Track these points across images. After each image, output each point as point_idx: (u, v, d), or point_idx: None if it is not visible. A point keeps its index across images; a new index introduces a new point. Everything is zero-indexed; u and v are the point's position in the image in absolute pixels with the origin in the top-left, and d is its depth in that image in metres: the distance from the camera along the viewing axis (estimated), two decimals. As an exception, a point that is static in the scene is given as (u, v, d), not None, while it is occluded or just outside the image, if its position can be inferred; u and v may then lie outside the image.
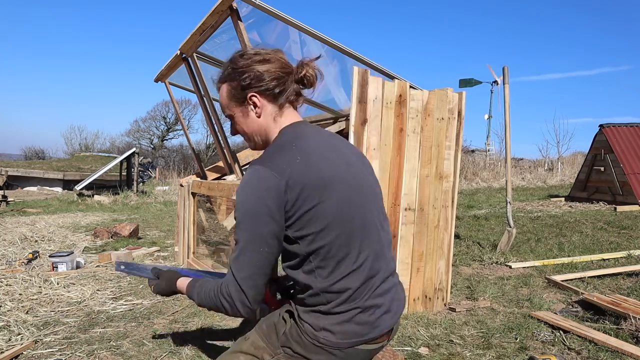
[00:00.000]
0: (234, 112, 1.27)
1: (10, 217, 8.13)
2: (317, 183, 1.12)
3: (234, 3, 2.67)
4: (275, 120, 1.25)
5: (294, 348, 1.19)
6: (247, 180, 1.14)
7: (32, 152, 30.86)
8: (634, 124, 8.90)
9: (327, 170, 1.15)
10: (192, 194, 4.21)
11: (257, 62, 1.20)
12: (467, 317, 2.94)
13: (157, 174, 19.96)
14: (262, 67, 1.20)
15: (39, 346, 2.45)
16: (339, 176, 1.17)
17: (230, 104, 1.26)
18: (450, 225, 3.19)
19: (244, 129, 1.28)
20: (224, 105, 1.28)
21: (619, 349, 2.34)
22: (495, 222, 6.74)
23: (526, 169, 17.94)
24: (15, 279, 3.62)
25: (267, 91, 1.21)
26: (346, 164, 1.22)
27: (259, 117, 1.24)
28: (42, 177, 15.35)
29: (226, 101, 1.27)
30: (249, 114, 1.24)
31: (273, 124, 1.25)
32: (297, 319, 1.21)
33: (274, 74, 1.21)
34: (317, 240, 1.13)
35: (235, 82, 1.22)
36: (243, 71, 1.20)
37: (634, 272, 3.86)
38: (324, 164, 1.16)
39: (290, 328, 1.21)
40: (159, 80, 4.58)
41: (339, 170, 1.18)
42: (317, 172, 1.13)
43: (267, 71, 1.20)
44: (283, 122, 1.25)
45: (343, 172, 1.19)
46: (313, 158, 1.15)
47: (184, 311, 3.05)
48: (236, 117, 1.27)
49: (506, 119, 5.09)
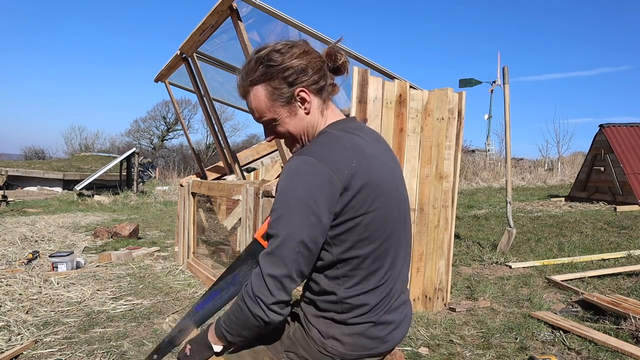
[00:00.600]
0: (278, 115, 1.13)
1: (10, 217, 8.13)
2: (371, 191, 1.05)
3: (234, 3, 2.67)
4: (322, 115, 1.16)
5: (299, 353, 1.13)
6: (296, 171, 1.03)
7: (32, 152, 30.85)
8: (634, 124, 8.91)
9: (380, 178, 1.08)
10: (192, 194, 4.21)
11: (297, 55, 1.10)
12: (467, 317, 2.94)
13: (157, 174, 19.96)
14: (303, 60, 1.10)
15: (39, 346, 2.45)
16: (388, 187, 1.10)
17: (275, 105, 1.12)
18: (450, 225, 3.19)
19: (290, 130, 1.15)
20: (263, 109, 1.13)
21: (619, 349, 2.34)
22: (495, 222, 6.74)
23: (526, 169, 17.94)
24: (15, 279, 3.62)
25: (312, 85, 1.11)
26: (392, 173, 1.15)
27: (307, 114, 1.14)
28: (42, 177, 15.35)
29: (267, 104, 1.12)
30: (297, 112, 1.13)
31: (321, 118, 1.16)
32: (305, 322, 1.15)
33: (315, 66, 1.11)
34: (354, 249, 1.07)
35: (277, 80, 1.09)
36: (285, 67, 1.09)
37: (634, 272, 3.86)
38: (379, 171, 1.09)
39: (294, 331, 1.16)
40: (159, 80, 4.58)
41: (388, 180, 1.11)
42: (372, 179, 1.06)
43: (309, 63, 1.10)
44: (329, 116, 1.17)
45: (390, 182, 1.12)
46: (370, 163, 1.08)
47: (184, 311, 3.05)
48: (281, 118, 1.13)
49: (506, 119, 5.09)
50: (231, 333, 1.09)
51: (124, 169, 15.87)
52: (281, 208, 1.02)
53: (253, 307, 1.01)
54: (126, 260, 4.53)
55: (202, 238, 4.30)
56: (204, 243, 4.30)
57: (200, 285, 3.66)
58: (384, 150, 1.19)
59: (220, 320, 1.12)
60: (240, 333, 1.08)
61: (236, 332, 1.08)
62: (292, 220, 1.00)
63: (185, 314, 1.37)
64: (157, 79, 4.56)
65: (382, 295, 1.12)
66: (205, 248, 4.27)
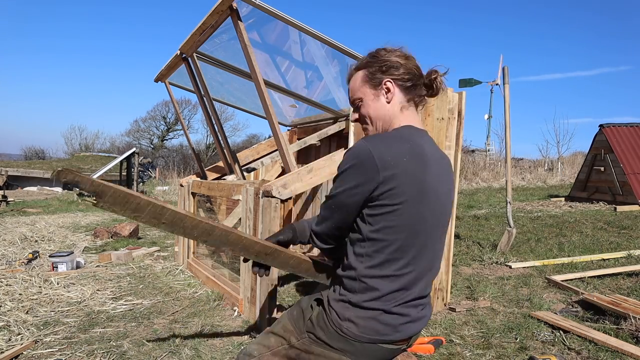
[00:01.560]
0: (365, 95, 1.34)
1: (10, 217, 8.13)
2: (412, 188, 1.19)
3: (234, 3, 2.67)
4: (401, 111, 1.33)
5: (317, 334, 1.27)
6: (355, 151, 1.21)
7: (32, 152, 30.87)
8: (634, 124, 8.90)
9: (425, 179, 1.21)
10: (192, 194, 4.21)
11: (398, 55, 1.32)
12: (467, 317, 2.94)
13: (157, 174, 19.95)
14: (401, 60, 1.31)
15: (39, 346, 2.45)
16: (431, 191, 1.23)
17: (364, 86, 1.34)
18: (450, 225, 3.19)
19: (370, 113, 1.34)
20: (356, 89, 1.36)
21: (619, 349, 2.34)
22: (495, 222, 6.74)
23: (526, 169, 17.93)
24: (15, 279, 3.62)
25: (400, 81, 1.31)
26: (440, 182, 1.27)
27: (388, 103, 1.32)
28: (42, 177, 15.36)
29: (359, 84, 1.35)
30: (380, 98, 1.33)
31: (399, 113, 1.33)
32: (327, 305, 1.29)
33: (410, 69, 1.31)
34: (381, 232, 1.20)
35: (374, 67, 1.32)
36: (384, 60, 1.31)
37: (634, 272, 3.86)
38: (426, 172, 1.22)
39: (317, 315, 1.30)
40: (159, 80, 4.58)
41: (434, 186, 1.24)
42: (418, 178, 1.20)
43: (405, 65, 1.31)
44: (406, 117, 1.34)
45: (436, 189, 1.24)
46: (422, 164, 1.21)
47: (184, 311, 3.05)
48: (366, 99, 1.34)
49: (506, 119, 5.09)
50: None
51: (124, 169, 15.87)
52: (335, 178, 1.27)
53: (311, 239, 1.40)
54: (126, 260, 4.53)
55: (202, 238, 4.29)
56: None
57: (200, 285, 3.66)
58: (442, 163, 1.32)
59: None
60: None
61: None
62: (338, 189, 1.24)
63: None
64: (157, 79, 4.56)
65: (397, 287, 1.23)
66: (205, 248, 4.27)
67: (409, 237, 1.21)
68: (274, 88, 4.08)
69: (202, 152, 29.11)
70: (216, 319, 2.90)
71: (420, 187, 1.20)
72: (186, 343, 2.48)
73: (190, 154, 26.53)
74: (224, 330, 2.69)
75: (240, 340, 2.54)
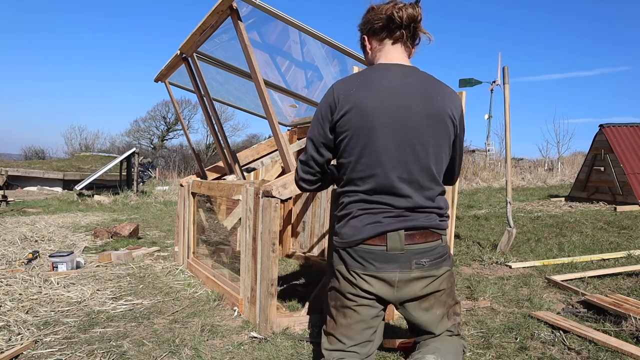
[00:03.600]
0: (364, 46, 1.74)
1: (10, 217, 8.13)
2: (355, 114, 1.48)
3: (234, 3, 2.66)
4: (378, 54, 1.63)
5: (328, 258, 1.69)
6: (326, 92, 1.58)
7: (32, 152, 30.87)
8: (634, 124, 8.90)
9: (374, 107, 1.47)
10: (192, 194, 4.21)
11: (365, 13, 1.65)
12: (467, 317, 2.94)
13: (157, 174, 19.96)
14: (366, 14, 1.66)
15: (39, 346, 2.45)
16: (381, 115, 1.47)
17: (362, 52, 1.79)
18: (450, 225, 3.19)
19: (367, 64, 1.72)
20: None
21: (619, 349, 2.34)
22: (495, 222, 6.74)
23: (526, 169, 17.94)
24: (15, 279, 3.62)
25: (367, 31, 1.65)
26: (400, 106, 1.48)
27: (369, 52, 1.69)
28: (42, 177, 15.36)
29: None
30: (366, 51, 1.72)
31: (378, 57, 1.62)
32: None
33: (369, 18, 1.64)
34: (342, 158, 1.56)
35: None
36: (359, 25, 1.72)
37: (634, 272, 3.86)
38: (375, 101, 1.47)
39: (329, 244, 1.71)
40: (159, 80, 4.58)
41: (383, 109, 1.47)
42: (361, 104, 1.47)
43: (366, 16, 1.66)
44: (383, 55, 1.60)
45: (388, 112, 1.47)
46: (369, 93, 1.48)
47: (184, 311, 3.05)
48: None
49: (506, 119, 5.09)
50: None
51: (124, 169, 15.86)
52: None
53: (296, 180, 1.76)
54: (126, 260, 4.53)
55: (202, 238, 4.30)
56: (204, 243, 4.30)
57: (200, 285, 3.66)
58: (408, 87, 1.50)
59: None
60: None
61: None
62: (312, 126, 1.60)
63: None
64: (157, 79, 4.56)
65: (358, 198, 1.53)
66: (205, 248, 4.27)
67: (360, 157, 1.49)
68: (274, 88, 4.08)
69: (202, 152, 29.12)
70: (216, 319, 2.90)
71: (364, 111, 1.46)
72: (186, 343, 2.48)
73: (190, 154, 26.53)
74: (224, 330, 2.69)
75: (240, 340, 2.54)
